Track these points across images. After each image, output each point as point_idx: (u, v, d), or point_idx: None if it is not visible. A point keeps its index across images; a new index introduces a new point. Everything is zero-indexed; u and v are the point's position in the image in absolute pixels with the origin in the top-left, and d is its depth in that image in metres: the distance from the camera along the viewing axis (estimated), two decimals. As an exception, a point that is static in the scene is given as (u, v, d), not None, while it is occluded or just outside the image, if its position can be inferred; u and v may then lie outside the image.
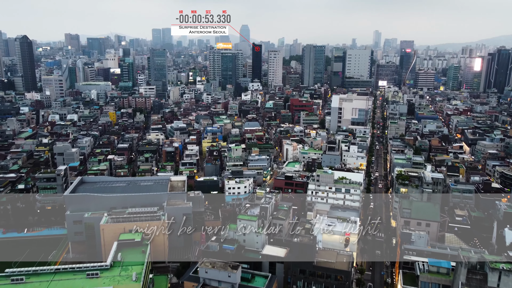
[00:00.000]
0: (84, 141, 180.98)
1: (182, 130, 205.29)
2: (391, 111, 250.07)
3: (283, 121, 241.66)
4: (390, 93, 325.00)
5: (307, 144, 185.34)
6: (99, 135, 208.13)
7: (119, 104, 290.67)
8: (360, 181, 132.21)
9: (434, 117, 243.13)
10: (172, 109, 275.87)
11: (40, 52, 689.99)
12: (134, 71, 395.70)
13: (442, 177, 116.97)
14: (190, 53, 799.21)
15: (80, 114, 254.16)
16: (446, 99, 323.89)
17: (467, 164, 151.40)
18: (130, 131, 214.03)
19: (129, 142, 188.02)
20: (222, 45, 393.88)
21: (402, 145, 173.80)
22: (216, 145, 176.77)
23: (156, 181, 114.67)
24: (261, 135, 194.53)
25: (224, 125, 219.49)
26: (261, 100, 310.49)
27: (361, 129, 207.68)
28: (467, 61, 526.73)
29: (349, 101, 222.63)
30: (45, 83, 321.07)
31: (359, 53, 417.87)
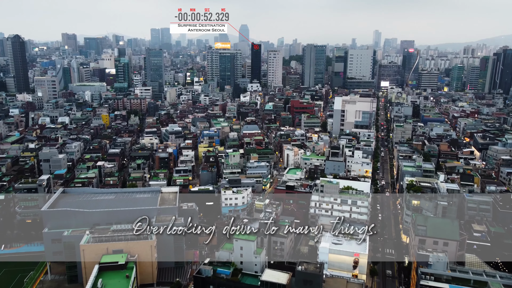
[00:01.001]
0: (73, 146, 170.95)
1: (178, 134, 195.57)
2: (396, 113, 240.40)
3: (283, 124, 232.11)
4: (394, 94, 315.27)
5: (309, 149, 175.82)
6: (91, 139, 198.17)
7: (113, 106, 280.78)
8: (367, 191, 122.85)
9: (440, 119, 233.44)
10: (168, 111, 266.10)
11: (37, 52, 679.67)
12: (130, 71, 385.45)
13: (458, 188, 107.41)
14: (188, 53, 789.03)
15: (72, 116, 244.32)
16: (451, 100, 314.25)
17: (481, 172, 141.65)
18: (123, 135, 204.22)
19: (121, 147, 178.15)
20: (220, 45, 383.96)
21: (410, 150, 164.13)
22: (213, 150, 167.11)
23: (145, 192, 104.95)
24: (260, 139, 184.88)
25: (221, 128, 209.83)
26: (260, 102, 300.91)
27: (365, 133, 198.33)
28: (470, 61, 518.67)
29: (352, 103, 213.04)
30: (38, 84, 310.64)
31: (361, 53, 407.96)
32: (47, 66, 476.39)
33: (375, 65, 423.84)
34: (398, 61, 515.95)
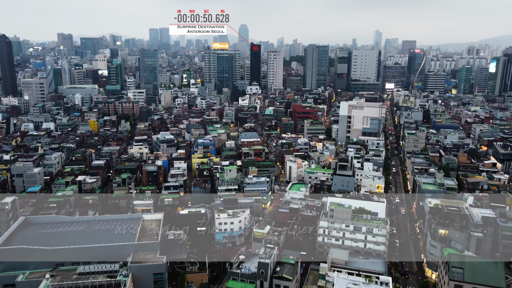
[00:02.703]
0: (52, 158, 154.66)
1: (170, 143, 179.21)
2: (406, 119, 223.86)
3: (284, 131, 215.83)
4: (401, 97, 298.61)
5: (313, 160, 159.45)
6: (75, 148, 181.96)
7: (104, 110, 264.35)
8: (383, 214, 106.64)
9: (453, 126, 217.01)
10: (161, 116, 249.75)
11: (31, 53, 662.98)
12: (123, 73, 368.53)
13: (493, 216, 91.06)
14: (187, 53, 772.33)
15: (59, 122, 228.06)
16: (461, 104, 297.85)
17: (510, 189, 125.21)
18: (111, 143, 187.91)
19: (106, 158, 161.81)
20: (218, 45, 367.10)
21: (426, 162, 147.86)
22: (207, 162, 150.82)
23: (123, 221, 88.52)
24: (260, 149, 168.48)
25: (218, 135, 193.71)
26: (260, 106, 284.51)
27: (374, 141, 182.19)
28: (476, 62, 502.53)
29: (360, 108, 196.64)
30: (25, 86, 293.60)
31: (366, 53, 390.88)
32: (40, 67, 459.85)
33: (380, 66, 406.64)
34: (401, 62, 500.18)
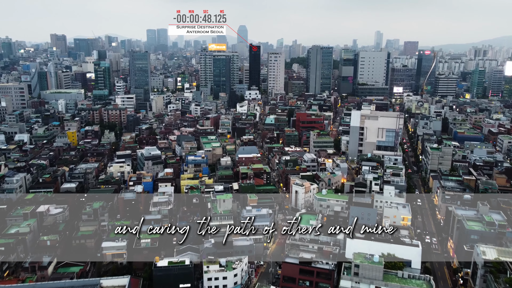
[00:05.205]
0: (14, 181, 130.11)
1: (156, 160, 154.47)
2: (424, 129, 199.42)
3: (288, 143, 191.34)
4: (413, 103, 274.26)
5: (323, 182, 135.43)
6: (48, 165, 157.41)
7: (88, 118, 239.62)
8: (418, 264, 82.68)
9: (478, 137, 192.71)
10: (151, 126, 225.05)
11: (22, 54, 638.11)
12: (112, 76, 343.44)
13: None
14: (184, 54, 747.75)
15: (35, 132, 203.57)
16: (479, 110, 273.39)
17: None
18: (89, 159, 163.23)
19: (79, 180, 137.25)
20: (215, 47, 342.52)
21: (459, 188, 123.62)
22: (198, 187, 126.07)
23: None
24: (260, 168, 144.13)
25: (212, 149, 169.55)
26: (259, 113, 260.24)
27: (391, 156, 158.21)
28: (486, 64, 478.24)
29: (374, 119, 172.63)
30: (2, 91, 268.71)
31: (374, 55, 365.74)
32: (28, 69, 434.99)
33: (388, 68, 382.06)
34: (408, 64, 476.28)
